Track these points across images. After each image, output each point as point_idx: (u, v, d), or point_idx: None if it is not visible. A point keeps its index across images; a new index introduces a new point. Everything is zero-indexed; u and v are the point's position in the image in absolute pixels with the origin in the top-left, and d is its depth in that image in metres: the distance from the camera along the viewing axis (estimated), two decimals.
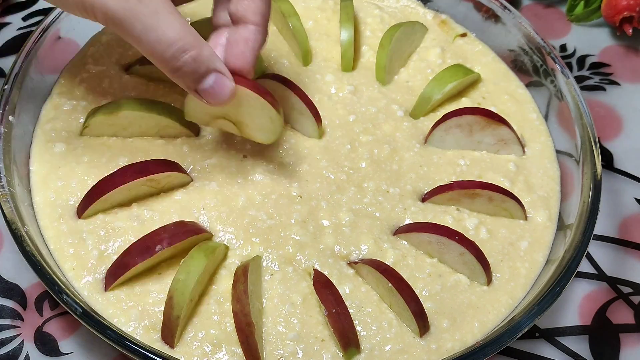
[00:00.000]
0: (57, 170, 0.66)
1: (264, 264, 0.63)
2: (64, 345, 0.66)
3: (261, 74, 0.73)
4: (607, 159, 0.82)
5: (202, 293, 0.61)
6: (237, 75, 0.60)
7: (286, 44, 0.79)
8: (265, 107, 0.62)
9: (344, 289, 0.62)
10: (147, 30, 0.54)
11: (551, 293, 0.60)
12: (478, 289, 0.64)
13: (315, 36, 0.80)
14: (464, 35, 0.83)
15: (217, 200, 0.66)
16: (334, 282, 0.62)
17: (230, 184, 0.67)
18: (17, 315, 0.67)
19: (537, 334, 0.69)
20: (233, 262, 0.63)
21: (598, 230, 0.75)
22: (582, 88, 0.87)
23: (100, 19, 0.54)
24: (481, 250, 0.64)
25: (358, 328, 0.61)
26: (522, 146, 0.74)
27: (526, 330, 0.59)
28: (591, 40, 0.93)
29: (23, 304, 0.68)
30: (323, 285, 0.61)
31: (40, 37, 0.71)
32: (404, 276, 0.62)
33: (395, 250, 0.65)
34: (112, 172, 0.63)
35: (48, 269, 0.58)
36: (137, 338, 0.58)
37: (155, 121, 0.68)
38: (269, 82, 0.70)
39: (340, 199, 0.68)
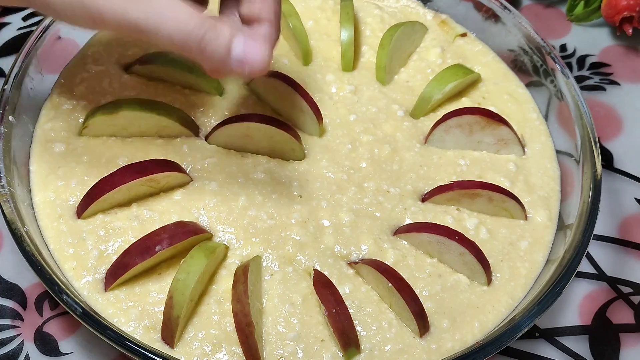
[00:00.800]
0: (57, 170, 0.66)
1: (264, 264, 0.63)
2: (64, 345, 0.66)
3: None
4: (607, 159, 0.82)
5: (202, 293, 0.61)
6: (261, 116, 0.66)
7: (286, 43, 0.79)
8: (289, 141, 0.67)
9: (344, 289, 0.62)
10: (159, 25, 0.52)
11: (551, 293, 0.60)
12: (478, 289, 0.64)
13: (315, 36, 0.80)
14: (464, 35, 0.83)
15: (217, 200, 0.66)
16: (334, 282, 0.62)
17: (230, 184, 0.67)
18: (17, 315, 0.67)
19: (537, 334, 0.69)
20: (233, 262, 0.63)
21: (598, 230, 0.75)
22: (582, 88, 0.87)
23: (110, 29, 0.54)
24: (481, 250, 0.64)
25: (358, 328, 0.61)
26: (522, 146, 0.74)
27: (526, 330, 0.59)
28: (591, 40, 0.93)
29: (23, 304, 0.68)
30: (323, 285, 0.61)
31: (40, 37, 0.71)
32: (404, 276, 0.62)
33: (395, 250, 0.65)
34: (111, 172, 0.63)
35: (48, 269, 0.58)
36: (137, 338, 0.58)
37: (155, 121, 0.68)
38: (270, 80, 0.70)
39: (340, 199, 0.68)
